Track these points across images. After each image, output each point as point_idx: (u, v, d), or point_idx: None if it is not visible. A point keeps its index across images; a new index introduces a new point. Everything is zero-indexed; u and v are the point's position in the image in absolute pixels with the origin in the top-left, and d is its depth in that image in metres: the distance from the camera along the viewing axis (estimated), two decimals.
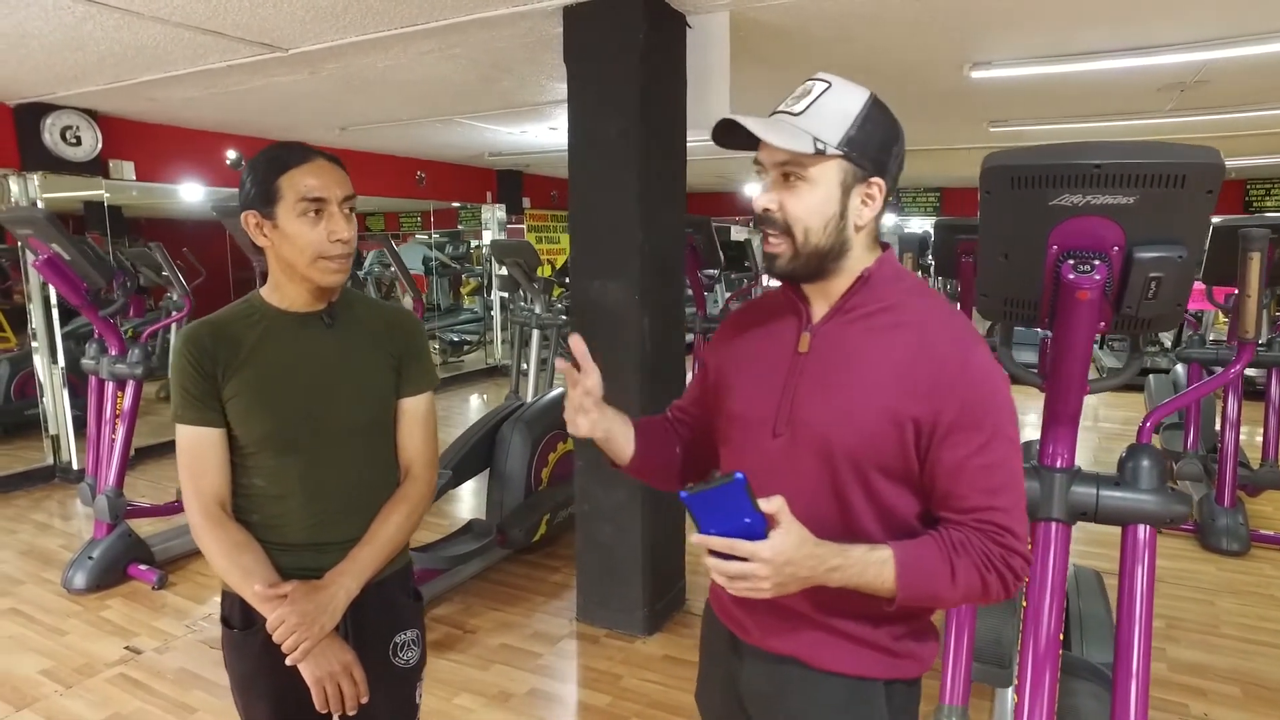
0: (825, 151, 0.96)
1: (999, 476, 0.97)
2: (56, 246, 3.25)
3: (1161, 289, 1.40)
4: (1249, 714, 2.46)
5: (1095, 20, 3.07)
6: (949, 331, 1.00)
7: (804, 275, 1.03)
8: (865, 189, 1.00)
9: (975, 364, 0.98)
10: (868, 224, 1.02)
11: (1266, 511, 4.18)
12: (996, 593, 0.97)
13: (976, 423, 0.96)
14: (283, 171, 1.24)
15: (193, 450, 1.28)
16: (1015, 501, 0.99)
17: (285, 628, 1.21)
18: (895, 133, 1.01)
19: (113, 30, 3.03)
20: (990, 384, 0.98)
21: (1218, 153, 1.27)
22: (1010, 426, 0.99)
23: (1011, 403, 0.99)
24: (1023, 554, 0.98)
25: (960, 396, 0.96)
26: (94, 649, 2.90)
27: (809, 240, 1.00)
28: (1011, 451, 0.99)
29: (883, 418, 0.97)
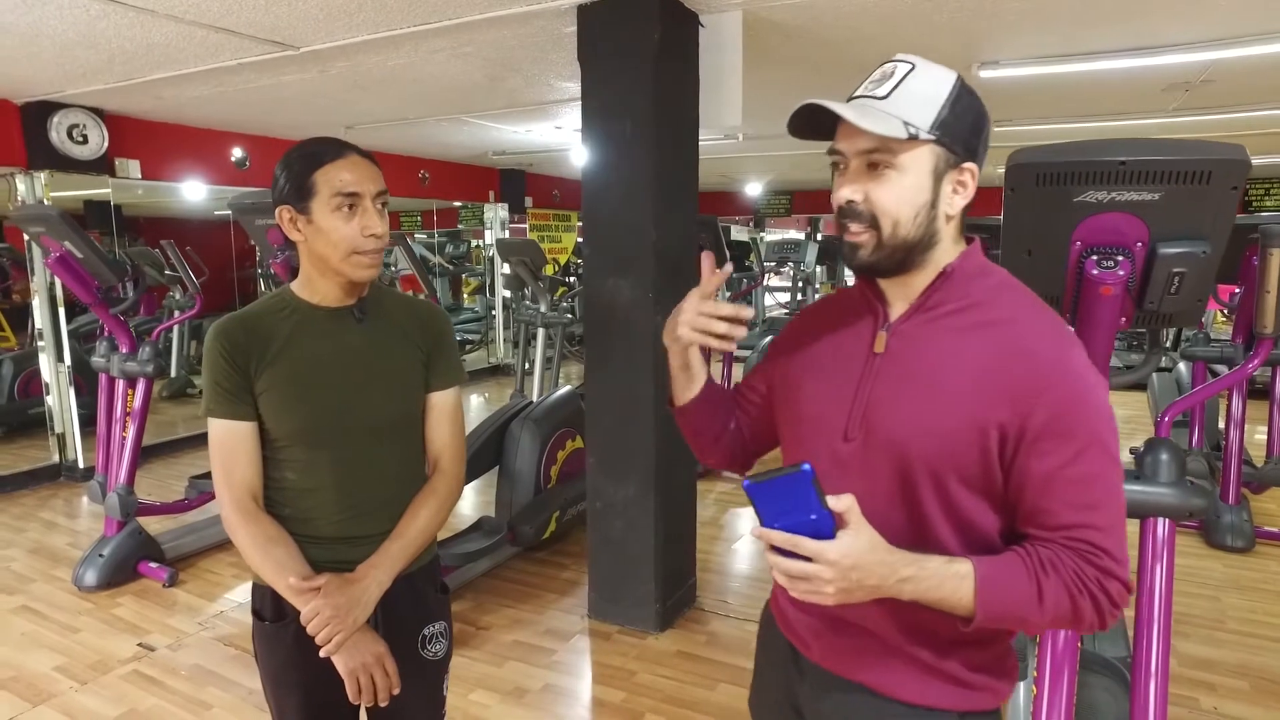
0: (918, 136, 0.90)
1: (1095, 491, 0.89)
2: (69, 244, 3.25)
3: (1184, 285, 1.42)
4: (1257, 707, 2.48)
5: (1103, 20, 3.09)
6: (1040, 329, 0.92)
7: (887, 269, 0.96)
8: (958, 175, 0.94)
9: (1069, 365, 0.90)
10: (958, 214, 0.96)
11: (1271, 508, 4.20)
12: (1090, 620, 0.88)
13: (1069, 430, 0.88)
14: (318, 166, 1.25)
15: (225, 444, 1.29)
16: (1114, 521, 0.90)
17: (319, 620, 1.22)
18: (985, 116, 0.96)
19: (126, 28, 3.03)
20: (1086, 388, 0.89)
21: (1244, 149, 1.29)
22: (1109, 437, 0.89)
23: (1111, 412, 0.91)
24: (1123, 580, 0.89)
25: (1051, 401, 0.88)
26: (107, 646, 2.91)
27: (897, 232, 0.93)
28: (1110, 465, 0.90)
29: (964, 424, 0.90)
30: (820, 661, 1.05)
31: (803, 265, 10.50)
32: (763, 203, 11.03)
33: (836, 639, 1.03)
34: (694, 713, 2.48)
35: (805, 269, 10.52)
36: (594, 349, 2.96)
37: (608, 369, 2.92)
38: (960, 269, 0.96)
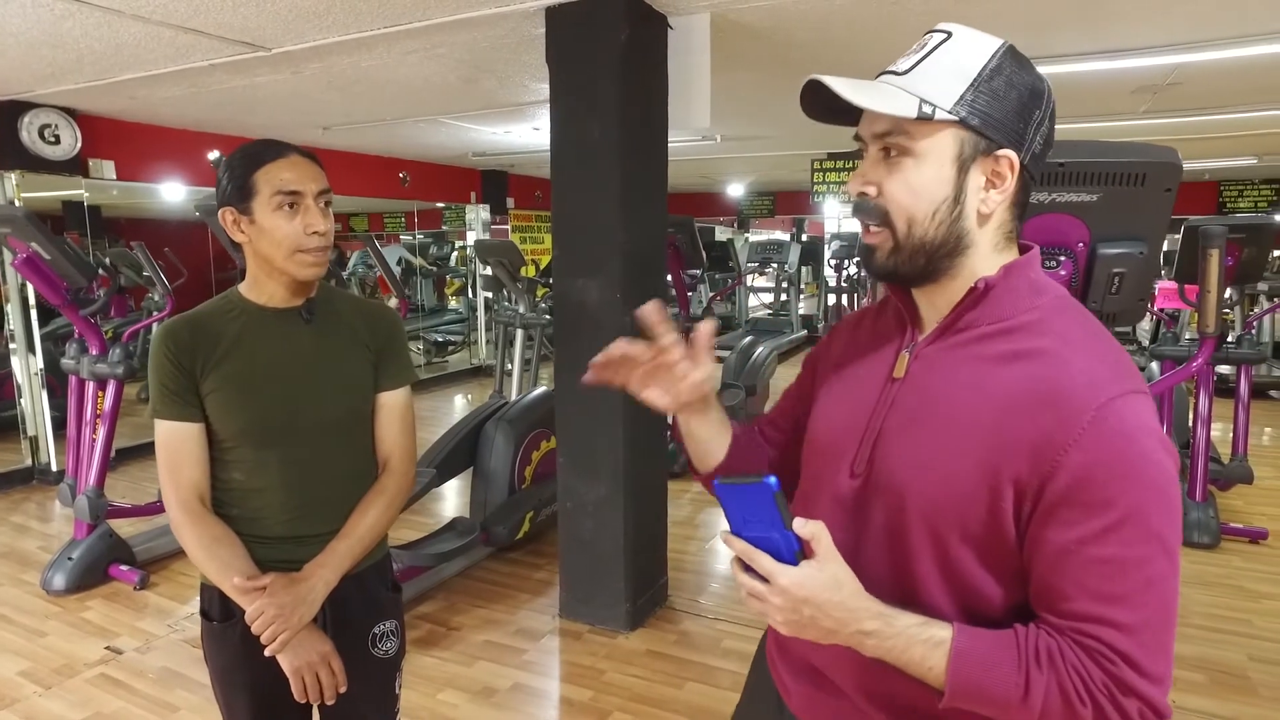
0: (933, 116, 0.75)
1: (1128, 581, 0.71)
2: (36, 245, 3.23)
3: (1125, 284, 1.44)
4: (1213, 699, 2.52)
5: (1070, 23, 3.13)
6: (1085, 367, 0.74)
7: (909, 276, 0.82)
8: (992, 165, 0.78)
9: (1118, 415, 0.71)
10: (996, 213, 0.80)
11: (1236, 505, 4.26)
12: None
13: (1102, 500, 0.70)
14: (258, 167, 1.26)
15: (171, 445, 1.30)
16: (1150, 623, 0.71)
17: (263, 619, 1.23)
18: (1037, 91, 0.79)
19: (93, 28, 3.01)
20: (1136, 448, 0.71)
21: (1175, 152, 1.32)
22: (1160, 517, 0.71)
23: (1169, 490, 0.72)
24: (1149, 700, 0.70)
25: (1081, 460, 0.71)
26: (74, 649, 2.89)
27: (913, 232, 0.79)
28: (1154, 552, 0.71)
29: (975, 474, 0.75)
30: (797, 713, 0.95)
31: (786, 266, 10.57)
32: (745, 204, 11.08)
33: (814, 692, 0.92)
34: (661, 711, 2.49)
35: (789, 270, 10.59)
36: (564, 349, 2.97)
37: (578, 369, 2.91)
38: (1002, 284, 0.80)
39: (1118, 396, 0.72)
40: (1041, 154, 0.81)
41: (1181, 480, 3.88)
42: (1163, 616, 0.72)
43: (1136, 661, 0.70)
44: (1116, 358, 0.76)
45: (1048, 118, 0.80)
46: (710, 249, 6.02)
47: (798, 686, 0.94)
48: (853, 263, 8.98)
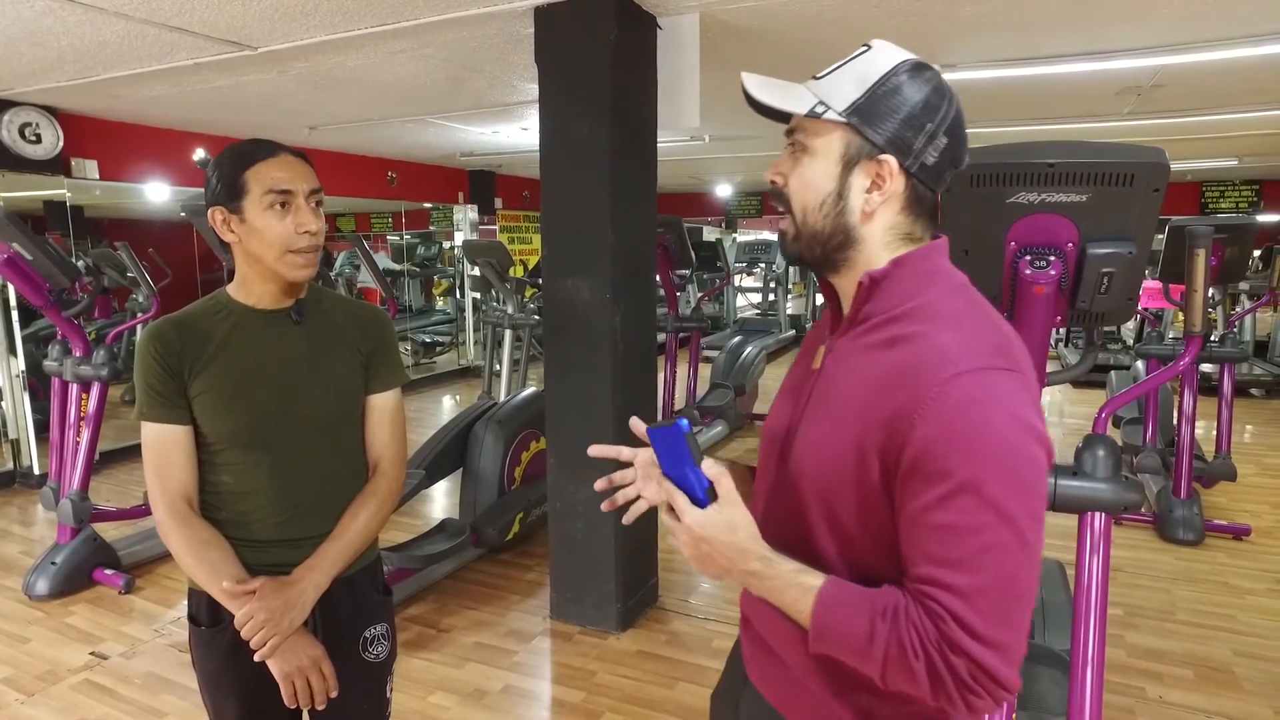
0: (821, 115, 0.84)
1: (962, 546, 0.74)
2: (17, 246, 3.19)
3: (1113, 284, 1.45)
4: (1199, 694, 2.55)
5: (1055, 24, 3.16)
6: (949, 342, 0.78)
7: (812, 262, 0.90)
8: (875, 168, 0.84)
9: (961, 388, 0.75)
10: (881, 213, 0.85)
11: (1220, 502, 4.31)
12: (930, 692, 0.75)
13: (944, 469, 0.74)
14: (249, 166, 1.24)
15: (158, 448, 1.28)
16: (983, 587, 0.74)
17: (253, 624, 1.22)
18: (930, 105, 0.83)
19: (74, 25, 2.98)
20: (975, 419, 0.75)
21: (1163, 153, 1.33)
22: (998, 485, 0.74)
23: (1014, 461, 0.75)
24: (979, 661, 0.73)
25: (927, 428, 0.75)
26: (58, 656, 2.85)
27: (806, 220, 0.87)
28: (990, 520, 0.74)
29: (848, 449, 0.82)
30: (757, 684, 1.01)
31: (774, 266, 10.59)
32: (734, 204, 11.10)
33: (766, 662, 0.98)
34: (653, 711, 2.49)
35: (776, 270, 10.61)
36: (553, 349, 2.96)
37: (567, 369, 2.92)
38: (889, 277, 0.85)
39: (967, 372, 0.76)
40: (939, 166, 0.85)
41: (1166, 478, 3.96)
42: (1001, 584, 0.75)
43: (968, 623, 0.73)
44: (986, 338, 0.80)
45: (944, 132, 0.84)
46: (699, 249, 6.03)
47: (754, 659, 1.01)
48: None
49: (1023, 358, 0.81)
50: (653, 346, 3.13)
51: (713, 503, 0.82)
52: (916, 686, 0.76)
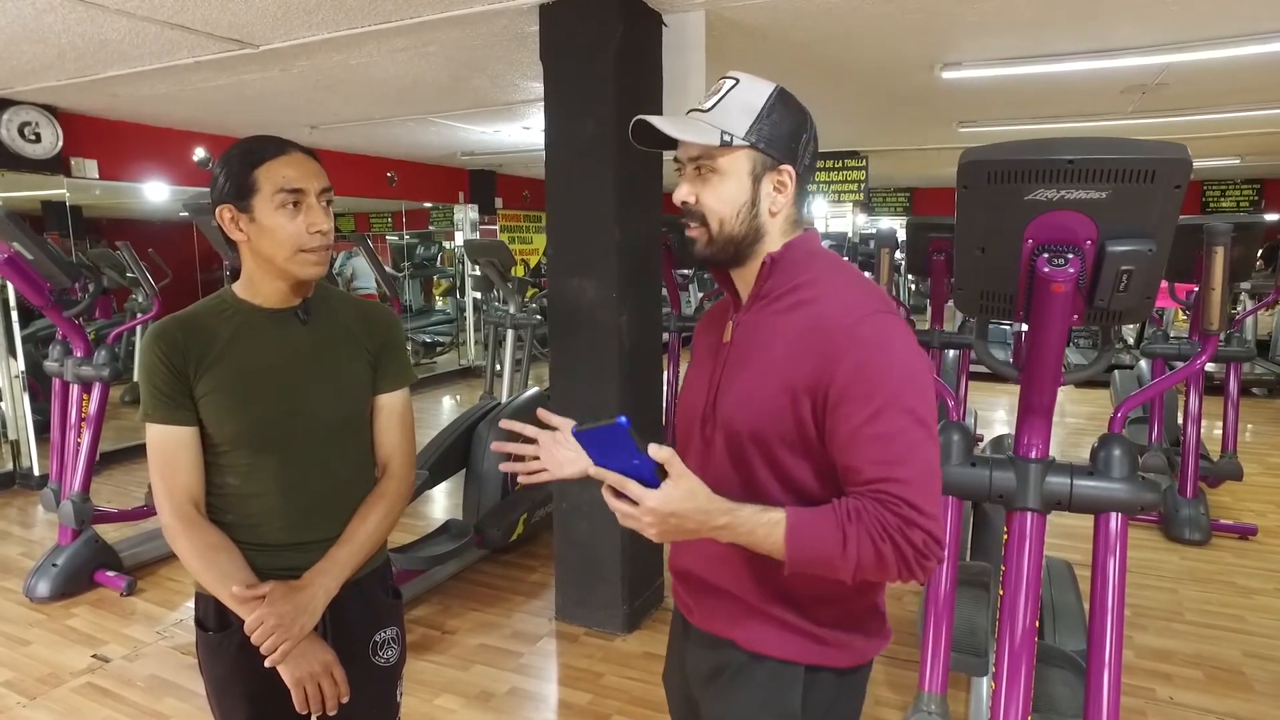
0: (732, 143, 1.01)
1: (896, 447, 0.94)
2: (18, 245, 3.16)
3: (1132, 282, 1.43)
4: (1210, 695, 2.53)
5: (1061, 22, 3.14)
6: (845, 298, 1.00)
7: (723, 261, 1.08)
8: (776, 176, 1.04)
9: (866, 329, 0.96)
10: (783, 209, 1.06)
11: (1226, 502, 4.30)
12: (896, 568, 0.93)
13: (867, 392, 0.94)
14: (259, 164, 1.22)
15: (164, 450, 1.26)
16: (918, 475, 0.94)
17: (264, 629, 1.20)
18: (802, 121, 1.05)
19: (75, 23, 2.95)
20: (883, 351, 0.95)
21: (1185, 149, 1.31)
22: (910, 396, 0.95)
23: (915, 377, 0.96)
24: (928, 530, 0.93)
25: (848, 363, 0.95)
26: (59, 658, 2.83)
27: (724, 229, 1.04)
28: (910, 423, 0.94)
29: (778, 393, 0.99)
30: (701, 625, 1.15)
31: None
32: None
33: (711, 600, 1.12)
34: (661, 714, 2.45)
35: None
36: (559, 349, 2.94)
37: (573, 369, 2.90)
38: (784, 257, 1.06)
39: (868, 315, 0.97)
40: (810, 165, 1.08)
41: (1172, 477, 3.95)
42: (927, 470, 0.95)
43: (916, 504, 0.92)
44: (868, 292, 1.02)
45: (812, 139, 1.07)
46: None
47: (698, 604, 1.15)
48: None
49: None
50: (658, 346, 3.11)
51: (665, 481, 0.91)
52: (885, 569, 0.93)
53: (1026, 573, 1.73)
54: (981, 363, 1.90)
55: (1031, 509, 1.72)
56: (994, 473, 1.75)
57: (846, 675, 1.10)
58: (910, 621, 3.03)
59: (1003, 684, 1.74)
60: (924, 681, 1.86)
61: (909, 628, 2.98)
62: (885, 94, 4.50)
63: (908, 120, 5.46)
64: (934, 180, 9.80)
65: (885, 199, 10.48)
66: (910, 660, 2.75)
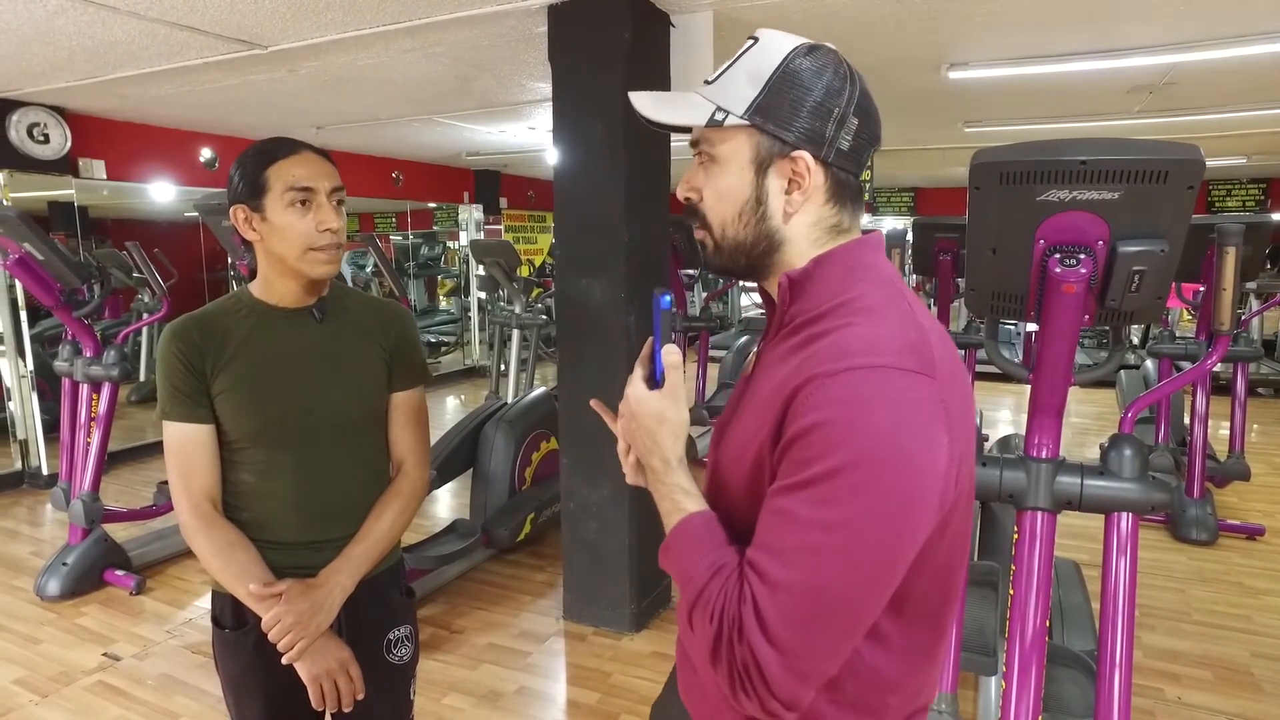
0: (723, 122, 0.79)
1: (786, 538, 0.70)
2: (29, 246, 3.18)
3: (1144, 282, 1.44)
4: (1219, 695, 2.53)
5: (1068, 22, 3.14)
6: (849, 340, 0.73)
7: (737, 272, 0.85)
8: (791, 166, 0.79)
9: (844, 385, 0.69)
10: (804, 211, 0.80)
11: (1233, 502, 4.29)
12: (710, 658, 0.73)
13: (804, 459, 0.69)
14: (271, 163, 1.23)
15: (182, 448, 1.27)
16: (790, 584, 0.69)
17: (281, 627, 1.21)
18: (833, 90, 0.78)
19: (86, 25, 2.97)
20: (850, 419, 0.68)
21: (1198, 149, 1.31)
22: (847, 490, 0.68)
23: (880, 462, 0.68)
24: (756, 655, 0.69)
25: (806, 419, 0.70)
26: (70, 657, 2.84)
27: (726, 233, 0.82)
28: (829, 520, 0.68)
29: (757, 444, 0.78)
30: (681, 694, 0.97)
31: None
32: None
33: (686, 670, 0.95)
34: None
35: None
36: (567, 349, 2.95)
37: (581, 369, 2.91)
38: (810, 277, 0.80)
39: (861, 368, 0.70)
40: (856, 148, 0.80)
41: (1178, 477, 3.94)
42: (810, 588, 0.69)
43: (763, 614, 0.69)
44: (899, 334, 0.73)
45: (852, 112, 0.79)
46: None
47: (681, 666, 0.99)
48: None
49: (942, 360, 0.73)
50: None
51: (656, 389, 0.84)
52: (703, 646, 0.74)
53: (1037, 572, 1.73)
54: (989, 363, 1.90)
55: (1042, 509, 1.73)
56: (1004, 472, 1.75)
57: None
58: None
59: (1013, 684, 1.74)
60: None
61: None
62: (891, 94, 4.50)
63: (913, 120, 5.46)
64: (939, 180, 9.79)
65: (890, 199, 10.47)
66: None
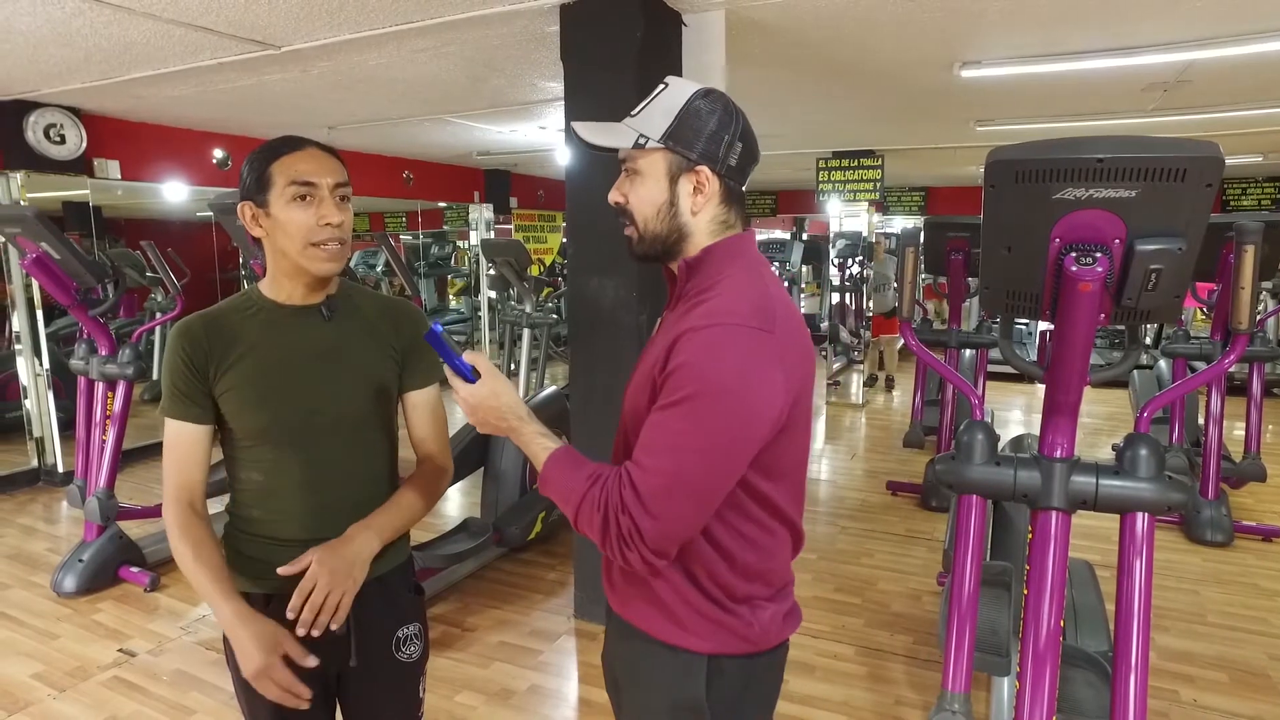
0: (644, 145, 1.05)
1: (660, 437, 0.98)
2: (46, 245, 3.21)
3: (1161, 281, 1.43)
4: (1235, 698, 2.51)
5: (1082, 20, 3.12)
6: (721, 305, 1.01)
7: (656, 258, 1.11)
8: (695, 177, 1.05)
9: (709, 335, 0.97)
10: (706, 210, 1.07)
11: (1248, 503, 4.26)
12: (600, 539, 1.00)
13: (678, 384, 0.97)
14: (276, 159, 1.24)
15: (175, 446, 1.28)
16: (660, 470, 0.97)
17: (321, 586, 1.18)
18: (726, 122, 1.05)
19: (103, 26, 2.99)
20: (711, 359, 0.96)
21: (1217, 147, 1.30)
22: (706, 408, 0.95)
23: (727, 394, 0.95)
24: (635, 521, 0.96)
25: (680, 358, 0.98)
26: (87, 652, 2.87)
27: (648, 228, 1.08)
28: (687, 428, 0.96)
29: (646, 387, 1.05)
30: (615, 608, 1.20)
31: (788, 265, 10.54)
32: (748, 203, 11.04)
33: (621, 582, 1.17)
34: None
35: (790, 269, 10.56)
36: (579, 349, 2.95)
37: (593, 368, 2.91)
38: (701, 260, 1.08)
39: (720, 325, 0.98)
40: (741, 164, 1.07)
41: (1193, 478, 3.91)
42: (674, 471, 0.97)
43: (639, 491, 0.97)
44: (750, 301, 1.01)
45: (738, 138, 1.06)
46: None
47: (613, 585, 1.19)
48: (855, 261, 9.00)
49: (783, 321, 1.02)
50: None
51: (478, 380, 1.08)
52: (593, 533, 1.01)
53: (1051, 573, 1.72)
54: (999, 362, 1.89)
55: (1057, 508, 1.72)
56: (1019, 472, 1.75)
57: (748, 661, 1.12)
58: (930, 622, 3.02)
59: (1027, 684, 1.73)
60: (947, 680, 1.86)
61: (928, 628, 2.98)
62: (903, 93, 4.48)
63: (925, 119, 5.43)
64: (949, 179, 9.74)
65: (900, 198, 10.42)
66: (930, 660, 2.75)
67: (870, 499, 4.55)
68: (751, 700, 1.14)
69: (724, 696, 1.10)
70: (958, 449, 1.84)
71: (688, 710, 1.10)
